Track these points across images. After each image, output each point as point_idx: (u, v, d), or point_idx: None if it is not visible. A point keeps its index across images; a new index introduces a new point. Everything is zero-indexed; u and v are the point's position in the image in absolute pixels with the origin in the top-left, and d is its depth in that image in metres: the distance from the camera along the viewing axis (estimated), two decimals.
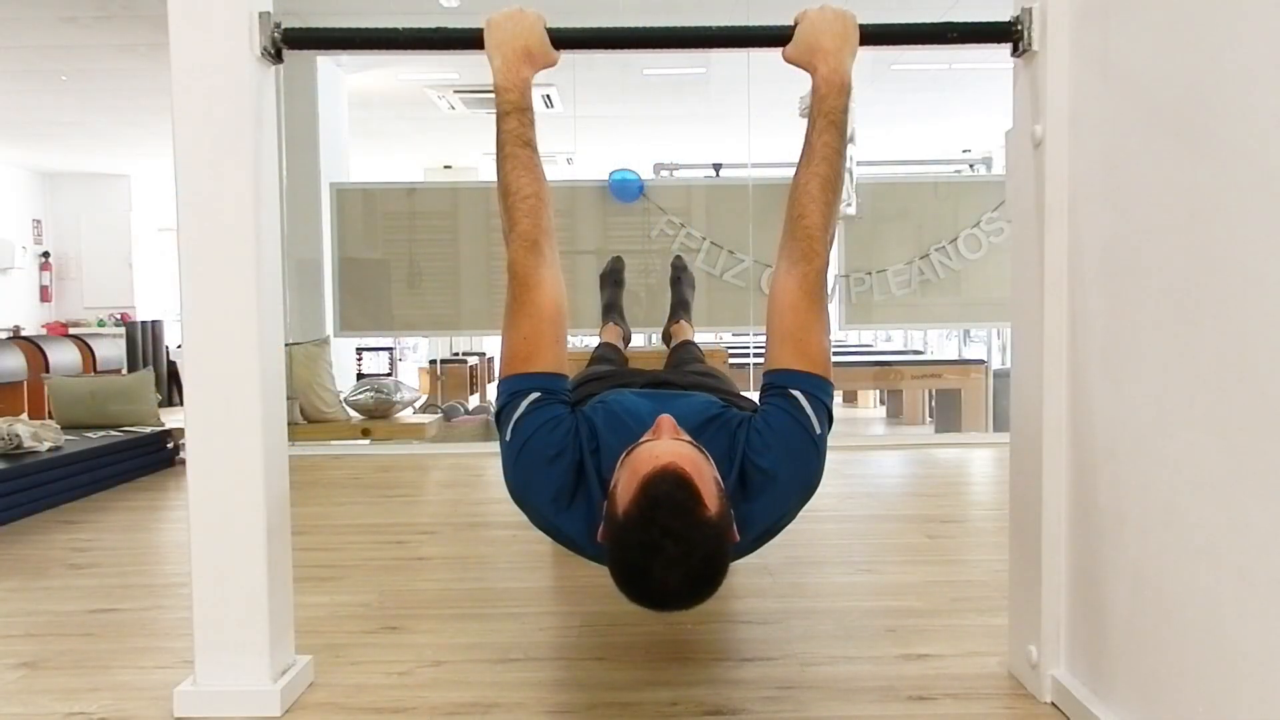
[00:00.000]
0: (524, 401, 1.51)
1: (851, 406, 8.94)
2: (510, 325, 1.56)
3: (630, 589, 1.39)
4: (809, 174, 1.57)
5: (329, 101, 6.12)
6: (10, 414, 5.02)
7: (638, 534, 1.33)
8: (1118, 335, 1.47)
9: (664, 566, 1.32)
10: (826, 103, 1.58)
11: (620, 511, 1.37)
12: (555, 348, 1.56)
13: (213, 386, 1.68)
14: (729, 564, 1.42)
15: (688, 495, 1.34)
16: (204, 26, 1.63)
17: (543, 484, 1.51)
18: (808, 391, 1.52)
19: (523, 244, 1.55)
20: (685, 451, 1.41)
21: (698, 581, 1.37)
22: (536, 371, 1.53)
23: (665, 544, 1.31)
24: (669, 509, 1.32)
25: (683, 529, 1.32)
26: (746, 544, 1.55)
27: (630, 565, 1.36)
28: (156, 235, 11.04)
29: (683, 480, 1.35)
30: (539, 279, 1.55)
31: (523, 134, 1.58)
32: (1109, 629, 1.51)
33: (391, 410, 5.29)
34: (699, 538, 1.34)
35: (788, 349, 1.56)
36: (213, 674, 1.69)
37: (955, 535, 3.01)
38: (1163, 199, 1.32)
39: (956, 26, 1.70)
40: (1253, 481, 1.12)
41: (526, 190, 1.56)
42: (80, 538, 3.10)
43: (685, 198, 5.54)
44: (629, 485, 1.37)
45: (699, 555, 1.34)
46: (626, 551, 1.36)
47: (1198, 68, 1.23)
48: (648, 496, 1.34)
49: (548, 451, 1.49)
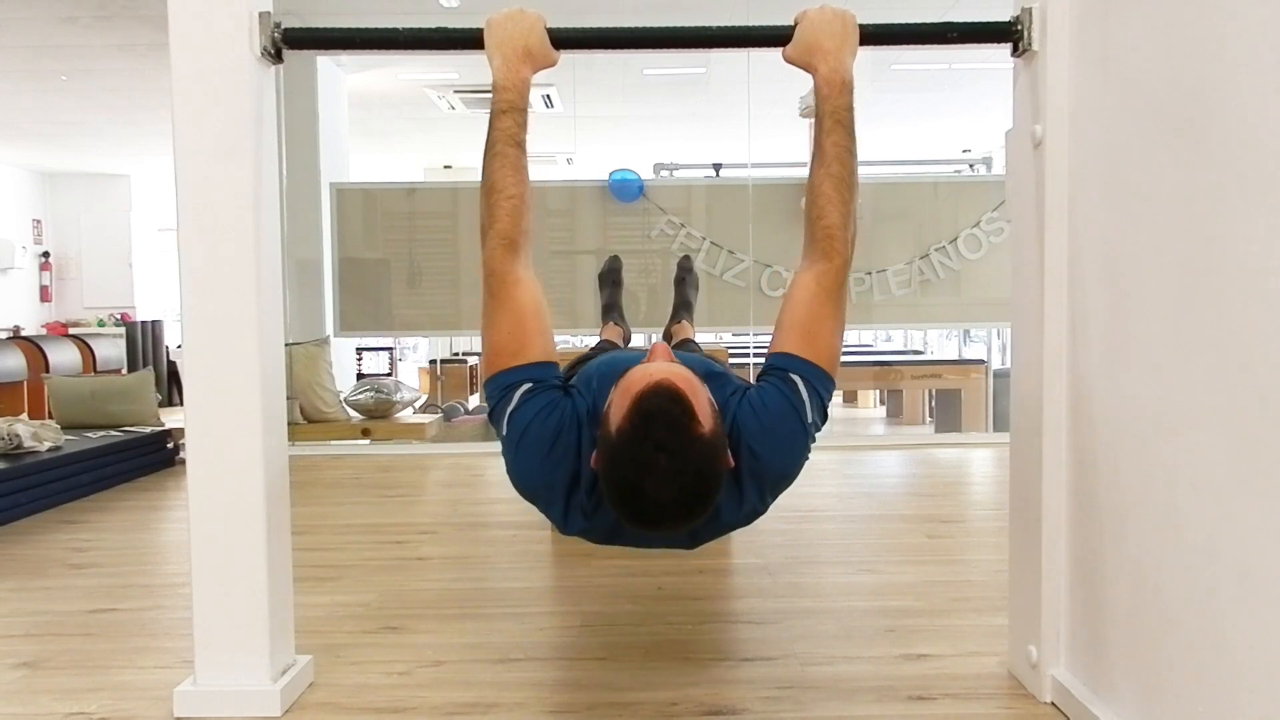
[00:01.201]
0: (516, 394, 1.48)
1: (851, 406, 8.94)
2: (491, 324, 1.53)
3: (623, 507, 1.37)
4: (822, 175, 1.55)
5: (329, 101, 6.12)
6: (10, 414, 5.02)
7: (631, 449, 1.31)
8: (1118, 335, 1.47)
9: (658, 482, 1.30)
10: (831, 102, 1.57)
11: (613, 429, 1.34)
12: (541, 338, 1.53)
13: (213, 386, 1.68)
14: (722, 485, 1.39)
15: (682, 411, 1.32)
16: (204, 26, 1.64)
17: (546, 473, 1.48)
18: (807, 379, 1.50)
19: (500, 242, 1.52)
20: (679, 370, 1.39)
21: (691, 497, 1.34)
22: (524, 363, 1.50)
23: (659, 459, 1.30)
24: (663, 423, 1.31)
25: (676, 444, 1.31)
26: (733, 514, 1.52)
27: (623, 481, 1.34)
28: (156, 235, 11.04)
29: (677, 395, 1.33)
30: (516, 276, 1.52)
31: (516, 134, 1.57)
32: (1109, 628, 1.51)
33: (391, 410, 5.29)
34: (693, 453, 1.32)
35: (795, 335, 1.53)
36: (213, 674, 1.69)
37: (955, 535, 3.01)
38: (1163, 199, 1.33)
39: (956, 26, 1.70)
40: (1253, 481, 1.12)
41: (511, 190, 1.54)
42: (80, 538, 3.10)
43: (685, 198, 5.54)
44: (622, 404, 1.35)
45: (692, 470, 1.32)
46: (619, 468, 1.34)
47: (1198, 68, 1.23)
48: (641, 412, 1.32)
49: (547, 438, 1.46)
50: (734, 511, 1.52)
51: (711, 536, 1.61)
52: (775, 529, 3.05)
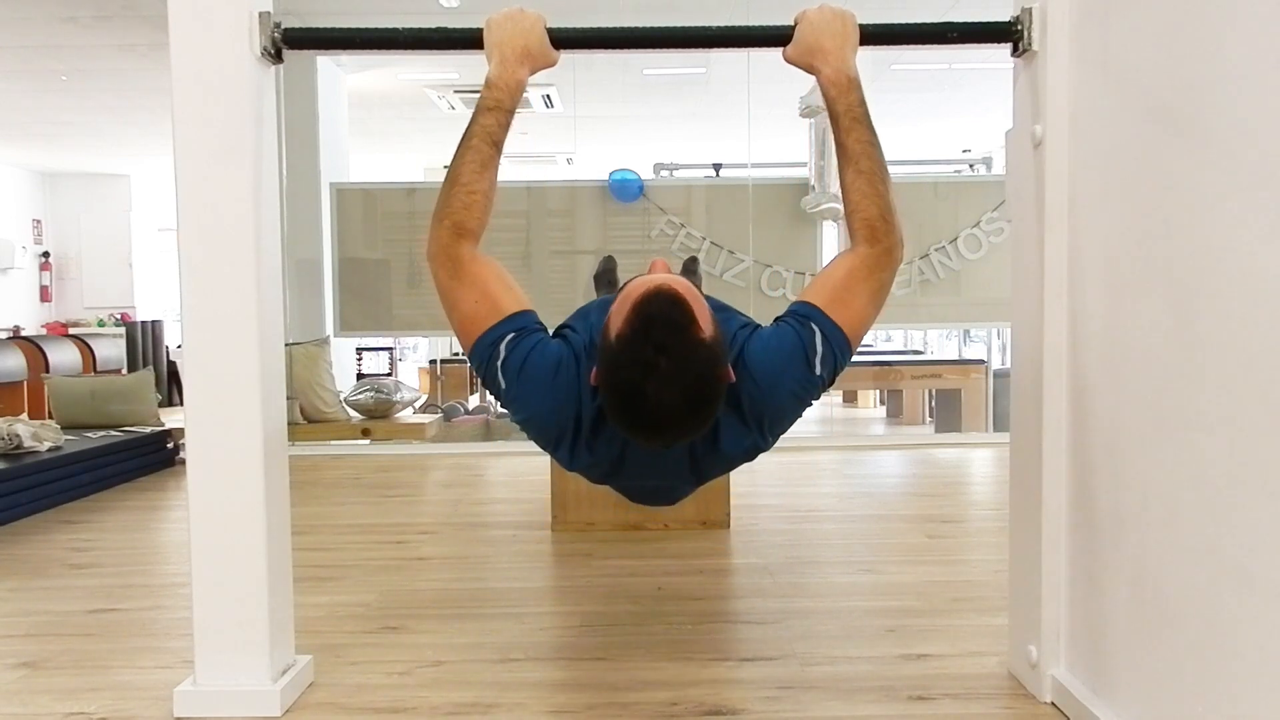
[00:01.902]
0: (501, 345, 1.46)
1: (851, 406, 8.93)
2: (455, 303, 1.51)
3: (624, 413, 1.36)
4: (852, 173, 1.54)
5: (329, 101, 6.11)
6: (10, 414, 5.02)
7: (632, 351, 1.31)
8: (1118, 335, 1.47)
9: (659, 384, 1.30)
10: (842, 102, 1.56)
11: (614, 335, 1.34)
12: (510, 293, 1.51)
13: (213, 386, 1.68)
14: (723, 394, 1.38)
15: (681, 313, 1.32)
16: (204, 26, 1.64)
17: (551, 398, 1.46)
18: (825, 334, 1.47)
19: (450, 229, 1.50)
20: (680, 279, 1.39)
21: (693, 400, 1.33)
22: (500, 319, 1.48)
23: (659, 360, 1.29)
24: (663, 325, 1.30)
25: (677, 345, 1.30)
26: (733, 444, 1.50)
27: (624, 385, 1.33)
28: (156, 235, 11.04)
29: (677, 299, 1.33)
30: (469, 255, 1.50)
31: (495, 133, 1.55)
32: (1109, 629, 1.51)
33: (391, 410, 5.29)
34: (694, 355, 1.31)
35: (824, 293, 1.50)
36: (213, 674, 1.69)
37: (955, 535, 3.01)
38: (1163, 199, 1.33)
39: (956, 26, 1.70)
40: (1253, 481, 1.12)
41: (475, 186, 1.52)
42: (80, 538, 3.10)
43: (685, 198, 5.54)
44: (622, 310, 1.34)
45: (693, 373, 1.32)
46: (620, 371, 1.33)
47: (1197, 67, 1.23)
48: (641, 316, 1.31)
49: (548, 367, 1.45)
50: (735, 440, 1.50)
51: (713, 469, 1.58)
52: (775, 529, 3.05)
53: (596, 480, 1.62)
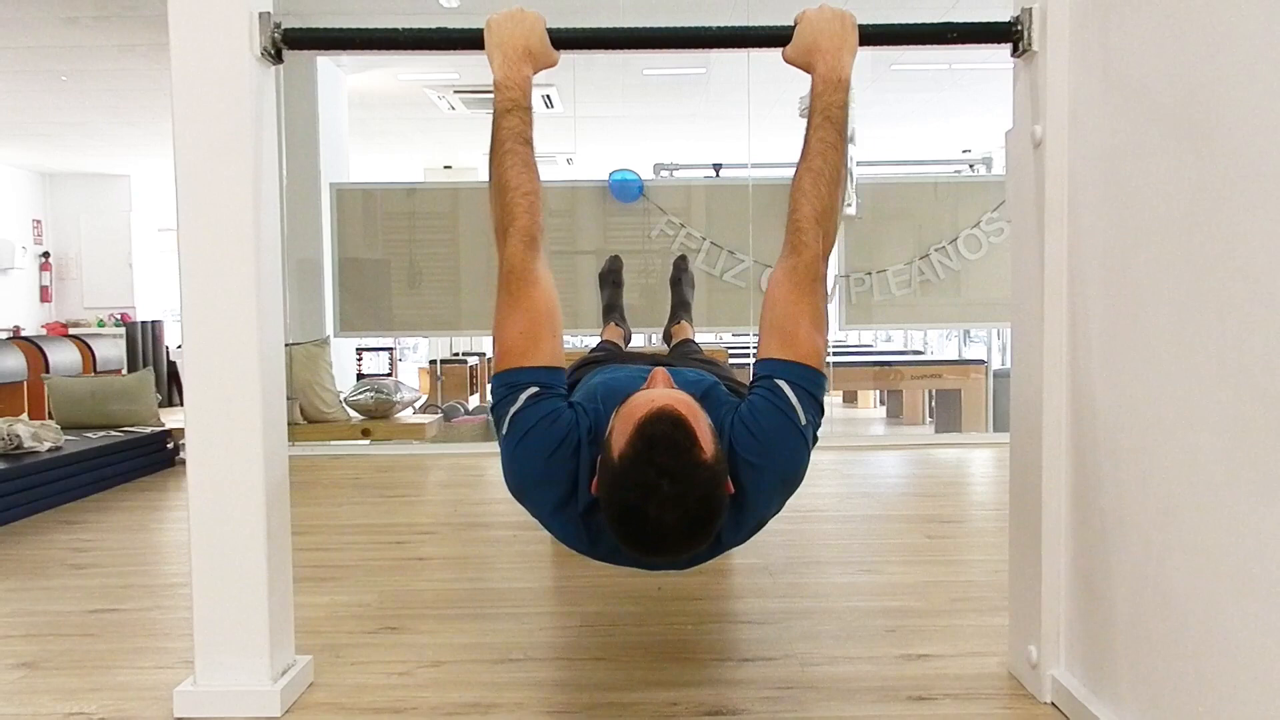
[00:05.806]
0: (522, 395, 1.48)
1: (851, 406, 8.94)
2: (505, 321, 1.53)
3: (625, 533, 1.37)
4: (802, 169, 1.57)
5: (329, 101, 6.12)
6: (10, 414, 5.02)
7: (634, 474, 1.32)
8: (1118, 335, 1.47)
9: (660, 506, 1.31)
10: (824, 99, 1.57)
11: (616, 455, 1.35)
12: (552, 342, 1.53)
13: (213, 386, 1.68)
14: (724, 511, 1.40)
15: (684, 435, 1.33)
16: (204, 27, 1.64)
17: (542, 480, 1.49)
18: (793, 381, 1.50)
19: (522, 239, 1.52)
20: (681, 396, 1.41)
21: (694, 523, 1.35)
22: (533, 365, 1.50)
23: (662, 483, 1.30)
24: (666, 448, 1.31)
25: (679, 468, 1.31)
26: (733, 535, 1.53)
27: (626, 506, 1.34)
28: (156, 235, 11.04)
29: (679, 420, 1.34)
30: (536, 275, 1.52)
31: (522, 131, 1.56)
32: (1109, 629, 1.51)
33: (391, 410, 5.29)
34: (696, 478, 1.33)
35: (775, 339, 1.54)
36: (213, 674, 1.69)
37: (955, 535, 3.01)
38: (1163, 199, 1.33)
39: (956, 26, 1.70)
40: (1253, 481, 1.12)
41: (526, 186, 1.54)
42: (80, 538, 3.10)
43: (685, 198, 5.54)
44: (624, 429, 1.36)
45: (695, 496, 1.33)
46: (622, 492, 1.34)
47: (1198, 68, 1.23)
48: (644, 437, 1.32)
49: (547, 446, 1.47)
50: (733, 535, 1.53)
51: (709, 557, 1.62)
52: (775, 529, 3.03)
53: (584, 555, 1.63)
